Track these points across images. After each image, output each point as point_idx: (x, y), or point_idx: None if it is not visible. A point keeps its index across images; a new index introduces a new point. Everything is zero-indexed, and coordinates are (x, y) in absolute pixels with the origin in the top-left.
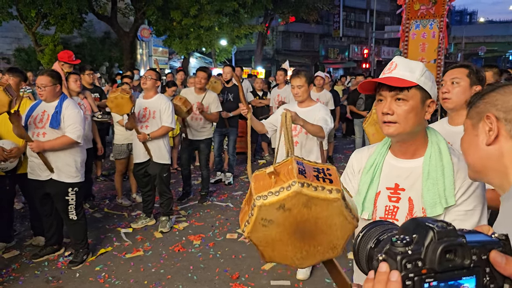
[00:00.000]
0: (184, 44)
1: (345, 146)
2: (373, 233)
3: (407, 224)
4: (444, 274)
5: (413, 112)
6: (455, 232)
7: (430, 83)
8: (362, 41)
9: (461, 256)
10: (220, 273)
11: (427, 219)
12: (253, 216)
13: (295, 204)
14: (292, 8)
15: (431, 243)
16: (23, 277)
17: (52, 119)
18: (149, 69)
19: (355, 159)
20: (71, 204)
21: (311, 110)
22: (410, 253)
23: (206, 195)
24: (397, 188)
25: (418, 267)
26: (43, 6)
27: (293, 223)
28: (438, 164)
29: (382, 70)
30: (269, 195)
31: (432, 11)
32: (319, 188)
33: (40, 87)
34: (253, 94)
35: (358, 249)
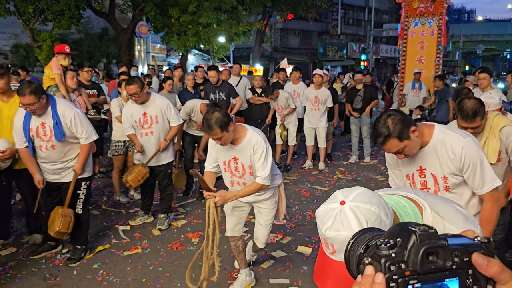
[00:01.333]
0: (182, 41)
1: (343, 144)
2: (363, 239)
3: (392, 228)
4: (427, 276)
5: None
6: (437, 235)
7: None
8: (361, 39)
9: (443, 258)
10: (218, 270)
11: (410, 223)
12: None
13: None
14: (290, 5)
15: (414, 245)
16: (20, 274)
17: (55, 132)
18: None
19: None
20: (80, 198)
21: (244, 147)
22: (394, 255)
23: None
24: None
25: (402, 269)
26: (40, 1)
27: None
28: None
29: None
30: None
31: (431, 9)
32: None
33: (28, 107)
34: (252, 91)
35: (348, 255)
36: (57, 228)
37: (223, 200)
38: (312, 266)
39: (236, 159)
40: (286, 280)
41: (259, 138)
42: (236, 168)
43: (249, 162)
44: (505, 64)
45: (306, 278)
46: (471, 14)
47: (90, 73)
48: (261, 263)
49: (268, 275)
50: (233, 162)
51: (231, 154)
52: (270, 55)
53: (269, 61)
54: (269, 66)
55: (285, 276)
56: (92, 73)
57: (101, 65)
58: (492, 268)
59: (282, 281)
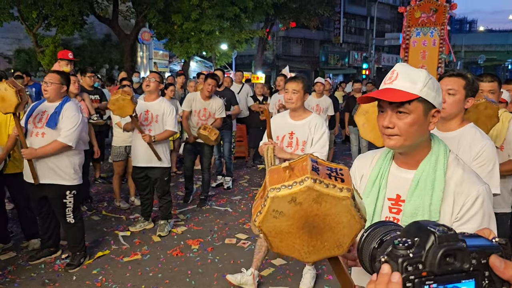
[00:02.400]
0: (185, 48)
1: (344, 152)
2: (377, 233)
3: (409, 227)
4: (443, 277)
5: (416, 125)
6: (456, 236)
7: (433, 93)
8: (362, 47)
9: (461, 260)
10: (218, 278)
11: (429, 222)
12: (265, 207)
13: (306, 199)
14: (293, 14)
15: (432, 247)
16: (19, 279)
17: (50, 118)
18: (152, 71)
19: (357, 165)
20: (68, 207)
21: (305, 124)
22: (411, 256)
23: (206, 199)
24: (398, 199)
25: (419, 270)
26: (44, 7)
27: (303, 217)
28: (430, 176)
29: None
30: (282, 188)
31: (433, 19)
32: (330, 186)
33: (47, 82)
34: (253, 99)
35: (362, 248)
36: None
37: (279, 151)
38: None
39: (292, 134)
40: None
41: (321, 120)
42: (290, 143)
43: (305, 138)
44: (507, 74)
45: None
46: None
47: (93, 78)
48: (261, 270)
49: (268, 283)
50: (288, 137)
51: (288, 129)
52: (272, 63)
53: (271, 69)
54: (271, 73)
55: (285, 284)
56: (94, 78)
57: (103, 71)
58: (510, 271)
59: None
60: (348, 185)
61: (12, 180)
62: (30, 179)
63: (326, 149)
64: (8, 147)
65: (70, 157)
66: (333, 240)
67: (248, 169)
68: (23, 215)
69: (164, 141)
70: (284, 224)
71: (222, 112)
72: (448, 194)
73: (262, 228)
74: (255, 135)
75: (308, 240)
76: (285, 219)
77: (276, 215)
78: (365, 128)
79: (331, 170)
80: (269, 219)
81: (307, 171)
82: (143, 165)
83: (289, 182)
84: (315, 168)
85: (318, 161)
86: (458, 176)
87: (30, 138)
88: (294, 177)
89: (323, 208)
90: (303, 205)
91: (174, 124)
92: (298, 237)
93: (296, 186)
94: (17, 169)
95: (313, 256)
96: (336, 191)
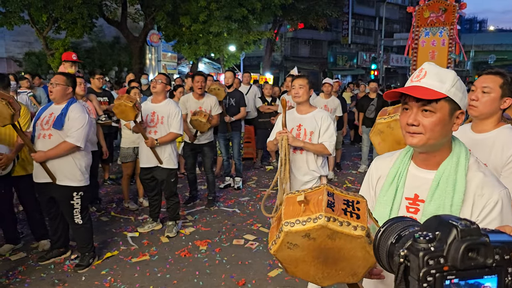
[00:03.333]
0: (193, 50)
1: (353, 153)
2: (395, 228)
3: (430, 221)
4: (465, 272)
5: (440, 125)
6: (479, 231)
7: (460, 94)
8: (371, 48)
9: (484, 255)
10: (226, 279)
11: (450, 216)
12: (279, 239)
13: (320, 235)
14: (301, 15)
15: (454, 241)
16: (29, 279)
17: (57, 120)
18: (160, 73)
19: (375, 166)
20: (76, 208)
21: (311, 116)
22: (433, 249)
23: (213, 200)
24: (416, 198)
25: (440, 264)
26: (54, 10)
27: (317, 249)
28: (451, 177)
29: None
30: (296, 223)
31: (442, 19)
32: (345, 224)
33: (53, 83)
34: (261, 100)
35: (378, 244)
36: None
37: (293, 140)
38: None
39: (300, 126)
40: None
41: (327, 113)
42: (298, 134)
43: (312, 129)
44: None
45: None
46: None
47: (101, 80)
48: (269, 271)
49: (276, 284)
50: (296, 129)
51: (296, 122)
52: (280, 64)
53: (279, 70)
54: (279, 75)
55: (293, 285)
56: (103, 80)
57: (112, 73)
58: None
59: None
60: (363, 223)
61: (20, 182)
62: (39, 179)
63: (334, 138)
64: (17, 148)
65: (76, 159)
66: (348, 269)
67: (256, 170)
68: (32, 217)
69: (170, 143)
70: (299, 254)
71: (218, 109)
72: (468, 197)
73: (277, 256)
74: (263, 136)
75: (322, 268)
76: (299, 250)
77: (290, 247)
78: (381, 146)
79: (347, 204)
80: (283, 250)
81: (321, 207)
82: (149, 165)
83: (303, 218)
84: (331, 203)
85: (335, 194)
86: (479, 179)
87: (37, 141)
88: (308, 212)
89: (337, 243)
90: (317, 240)
91: (179, 126)
92: (313, 265)
93: (310, 223)
94: (24, 171)
95: (328, 281)
96: (350, 230)
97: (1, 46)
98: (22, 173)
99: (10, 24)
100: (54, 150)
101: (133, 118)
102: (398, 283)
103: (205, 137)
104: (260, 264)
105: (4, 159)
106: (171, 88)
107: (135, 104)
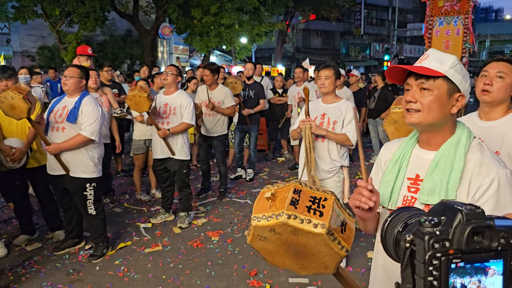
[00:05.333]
0: (205, 42)
1: (365, 145)
2: (401, 217)
3: (435, 207)
4: (471, 256)
5: (437, 103)
6: (484, 215)
7: (460, 76)
8: (384, 39)
9: (489, 239)
10: (238, 269)
11: (455, 202)
12: (250, 231)
13: (283, 231)
14: (313, 6)
15: (459, 224)
16: (45, 269)
17: (70, 113)
18: (171, 65)
19: (384, 151)
20: (89, 199)
21: (335, 106)
22: (438, 233)
23: (225, 192)
24: (417, 178)
25: (446, 247)
26: (67, 4)
27: (285, 244)
28: (450, 156)
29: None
30: (262, 218)
31: (457, 8)
32: (306, 221)
33: (67, 76)
34: (272, 91)
35: (385, 233)
36: None
37: (316, 128)
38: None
39: (324, 115)
40: (306, 280)
41: (351, 105)
42: (321, 123)
43: (336, 119)
44: None
45: (326, 278)
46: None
47: (110, 72)
48: None
49: (287, 274)
50: (320, 117)
51: (321, 111)
52: (292, 56)
53: (291, 62)
54: (291, 66)
55: (304, 275)
56: (112, 72)
57: (125, 66)
58: None
59: (301, 280)
60: (324, 221)
61: (34, 174)
62: (53, 171)
63: (355, 131)
64: (30, 140)
65: (89, 150)
66: (319, 263)
67: (268, 162)
68: (46, 208)
69: (182, 134)
70: (270, 246)
71: (230, 101)
72: (465, 175)
73: (253, 246)
74: (275, 128)
75: (295, 260)
76: (269, 242)
77: (261, 239)
78: (394, 136)
79: (313, 202)
80: (256, 241)
81: (284, 205)
82: (161, 156)
83: (268, 213)
84: (294, 201)
85: (303, 191)
86: (477, 158)
87: (51, 133)
88: (274, 209)
89: (301, 240)
90: (282, 235)
91: (191, 116)
92: (286, 256)
93: (273, 219)
94: (37, 163)
95: (305, 271)
96: (310, 227)
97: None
98: (35, 164)
99: (23, 18)
100: (68, 143)
101: (147, 109)
102: (404, 267)
103: (215, 131)
104: None
105: (17, 153)
106: (182, 79)
107: (148, 95)
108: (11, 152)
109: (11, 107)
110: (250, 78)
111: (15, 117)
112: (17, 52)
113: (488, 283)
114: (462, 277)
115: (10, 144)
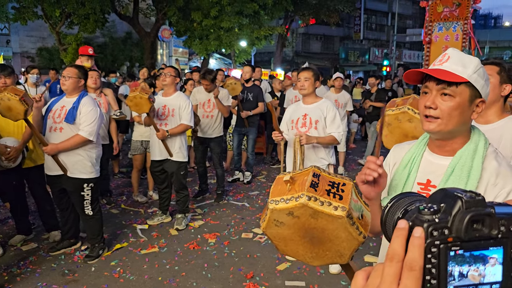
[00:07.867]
0: (204, 45)
1: (363, 149)
2: (401, 203)
3: (435, 194)
4: (470, 243)
5: (459, 110)
6: (484, 202)
7: (482, 81)
8: (383, 44)
9: (489, 226)
10: (234, 271)
11: (455, 189)
12: (267, 216)
13: (303, 214)
14: (312, 10)
15: (459, 212)
16: (40, 269)
17: (68, 114)
18: (169, 66)
19: (392, 153)
20: (86, 200)
21: (316, 107)
22: (437, 221)
23: (222, 194)
24: (428, 184)
25: (445, 235)
26: (67, 6)
27: (302, 228)
28: (467, 164)
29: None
30: (281, 201)
31: (456, 14)
32: (326, 204)
33: (65, 76)
34: (271, 94)
35: (385, 220)
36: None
37: (307, 138)
38: (328, 270)
39: (305, 115)
40: (302, 283)
41: (331, 103)
42: (304, 123)
43: (317, 118)
44: None
45: (323, 281)
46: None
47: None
48: (278, 265)
49: (284, 277)
50: (302, 118)
51: (302, 112)
52: (291, 60)
53: (290, 65)
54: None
55: (301, 278)
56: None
57: (124, 68)
58: None
59: (298, 283)
60: (344, 204)
61: (30, 174)
62: (51, 171)
63: (341, 128)
64: (25, 139)
65: (87, 151)
66: (334, 250)
67: (266, 165)
68: (43, 208)
69: (180, 136)
70: (286, 232)
71: (227, 101)
72: (481, 184)
73: (266, 233)
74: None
75: (310, 248)
76: (286, 228)
77: (277, 224)
78: (388, 139)
79: (332, 186)
80: (271, 227)
81: (304, 187)
82: (159, 158)
83: (287, 196)
84: (314, 184)
85: (322, 175)
86: (494, 168)
87: (49, 133)
88: (293, 191)
89: (320, 223)
90: (300, 218)
91: (189, 118)
92: (300, 244)
93: (292, 202)
94: (33, 163)
95: (317, 261)
96: (331, 209)
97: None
98: (31, 164)
99: (23, 19)
100: (66, 143)
101: (148, 110)
102: None
103: (212, 132)
104: (269, 258)
105: (12, 152)
106: (180, 80)
107: (149, 97)
108: (6, 151)
109: (8, 109)
110: (248, 81)
111: (12, 119)
112: (16, 53)
113: (488, 271)
114: (461, 265)
115: (5, 143)
